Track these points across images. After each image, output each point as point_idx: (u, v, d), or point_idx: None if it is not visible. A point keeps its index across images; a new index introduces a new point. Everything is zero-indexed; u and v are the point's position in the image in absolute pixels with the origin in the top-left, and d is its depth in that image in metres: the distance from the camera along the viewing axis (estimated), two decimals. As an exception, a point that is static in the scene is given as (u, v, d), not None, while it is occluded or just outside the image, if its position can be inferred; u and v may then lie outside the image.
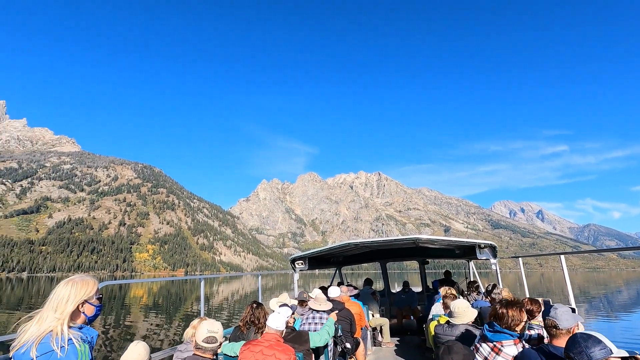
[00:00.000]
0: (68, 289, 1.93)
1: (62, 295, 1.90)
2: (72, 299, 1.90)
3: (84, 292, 1.96)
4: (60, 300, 1.88)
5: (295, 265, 8.61)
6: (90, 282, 2.02)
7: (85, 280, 2.01)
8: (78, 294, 1.93)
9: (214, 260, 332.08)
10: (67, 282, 1.97)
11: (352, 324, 5.79)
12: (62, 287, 1.94)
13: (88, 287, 1.99)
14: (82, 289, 1.96)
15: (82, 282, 1.98)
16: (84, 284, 1.98)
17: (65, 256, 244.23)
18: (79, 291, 1.94)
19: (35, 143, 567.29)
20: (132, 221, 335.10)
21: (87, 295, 1.97)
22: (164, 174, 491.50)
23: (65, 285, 1.95)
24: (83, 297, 1.95)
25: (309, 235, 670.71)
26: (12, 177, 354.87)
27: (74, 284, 1.95)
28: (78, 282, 1.97)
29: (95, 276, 2.38)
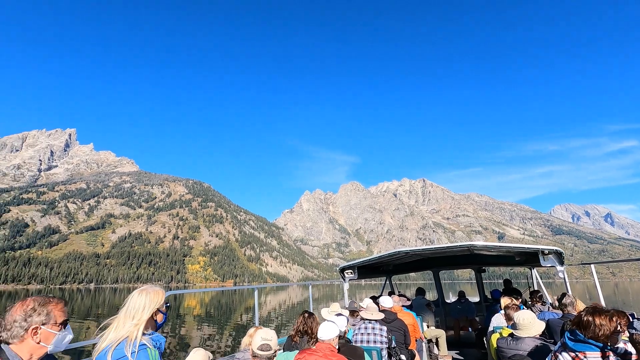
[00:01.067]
0: (143, 298, 2.14)
1: (139, 304, 2.11)
2: (148, 307, 2.12)
3: (156, 301, 2.18)
4: (137, 309, 2.09)
5: (344, 274, 8.46)
6: (160, 292, 2.25)
7: (157, 290, 2.23)
8: (152, 302, 2.15)
9: (260, 271, 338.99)
10: (141, 292, 2.17)
11: (406, 335, 5.57)
12: (138, 297, 2.14)
13: (159, 296, 2.21)
14: (155, 298, 2.18)
15: (155, 292, 2.20)
16: (156, 294, 2.20)
17: (126, 268, 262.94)
18: (152, 300, 2.15)
19: (101, 165, 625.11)
20: (185, 234, 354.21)
21: (159, 304, 2.19)
22: (213, 188, 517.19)
23: (140, 295, 2.16)
24: (156, 305, 2.17)
25: (353, 245, 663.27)
26: (81, 197, 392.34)
27: (147, 293, 2.17)
28: (151, 292, 2.19)
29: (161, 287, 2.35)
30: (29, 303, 1.84)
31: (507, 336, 4.06)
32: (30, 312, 1.80)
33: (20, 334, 1.77)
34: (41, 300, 1.87)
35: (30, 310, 1.81)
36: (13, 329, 1.77)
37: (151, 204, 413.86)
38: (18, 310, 1.80)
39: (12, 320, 1.78)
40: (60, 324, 1.88)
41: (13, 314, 1.80)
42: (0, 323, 1.80)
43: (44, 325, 1.82)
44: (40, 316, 1.81)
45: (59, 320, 1.88)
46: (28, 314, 1.80)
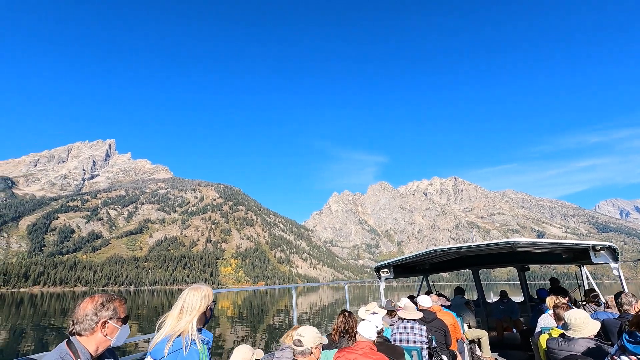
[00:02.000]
0: (198, 296, 2.33)
1: (194, 301, 2.29)
2: (201, 304, 2.30)
3: (208, 298, 2.37)
4: (193, 306, 2.27)
5: (380, 273, 8.39)
6: (210, 290, 2.45)
7: (208, 288, 2.44)
8: (205, 300, 2.34)
9: (291, 273, 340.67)
10: (195, 290, 2.37)
11: (446, 335, 5.46)
12: (192, 295, 2.33)
13: (210, 294, 2.41)
14: (207, 296, 2.37)
15: (207, 290, 2.41)
16: (207, 292, 2.40)
17: (163, 271, 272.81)
18: (205, 297, 2.35)
19: (138, 173, 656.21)
20: (217, 237, 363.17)
21: (210, 301, 2.39)
22: (243, 192, 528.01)
23: (194, 292, 2.35)
24: (208, 302, 2.36)
25: (383, 246, 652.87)
26: (121, 204, 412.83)
27: (201, 291, 2.37)
28: (204, 290, 2.39)
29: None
30: (97, 299, 2.01)
31: (557, 337, 3.83)
32: (100, 307, 1.97)
33: (91, 326, 1.93)
34: (107, 296, 2.05)
35: (100, 305, 1.97)
36: (85, 322, 1.93)
37: (185, 208, 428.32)
38: (89, 305, 1.97)
39: (84, 314, 1.94)
40: (122, 319, 2.06)
41: (84, 308, 1.96)
42: (73, 317, 1.97)
43: (111, 319, 1.99)
44: (108, 311, 1.98)
45: (122, 316, 2.06)
46: (98, 308, 1.96)
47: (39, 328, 33.70)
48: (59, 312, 53.17)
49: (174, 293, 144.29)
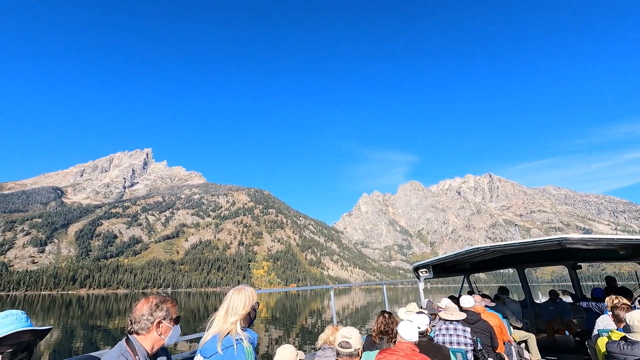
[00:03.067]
0: (242, 297, 2.43)
1: (239, 302, 2.39)
2: (247, 304, 2.41)
3: (253, 298, 2.48)
4: (238, 307, 2.38)
5: (419, 273, 8.22)
6: (253, 291, 2.54)
7: (251, 289, 2.53)
8: (249, 300, 2.44)
9: (322, 275, 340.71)
10: (239, 291, 2.47)
11: (492, 337, 5.21)
12: (238, 296, 2.44)
13: (253, 295, 2.50)
14: (251, 296, 2.47)
15: (250, 291, 2.50)
16: (251, 293, 2.49)
17: (198, 274, 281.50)
18: (249, 298, 2.45)
19: (173, 179, 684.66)
20: (249, 240, 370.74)
21: (254, 301, 2.50)
22: (273, 195, 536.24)
23: (239, 293, 2.45)
24: (252, 303, 2.46)
25: (416, 247, 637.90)
26: (158, 209, 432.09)
27: (245, 292, 2.46)
28: (248, 291, 2.49)
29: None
30: (152, 300, 2.16)
31: (619, 340, 3.55)
32: (154, 307, 2.12)
33: (147, 326, 2.09)
34: (161, 298, 2.20)
35: (154, 306, 2.13)
36: (142, 321, 2.09)
37: (218, 212, 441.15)
38: (144, 306, 2.13)
39: (140, 315, 2.10)
40: (174, 319, 2.20)
41: (140, 309, 2.12)
42: (130, 317, 2.13)
43: (164, 320, 2.14)
44: (161, 312, 2.13)
45: (174, 316, 2.20)
46: (153, 309, 2.12)
47: (87, 328, 35.57)
48: (103, 313, 55.90)
49: (209, 295, 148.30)
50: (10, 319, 1.83)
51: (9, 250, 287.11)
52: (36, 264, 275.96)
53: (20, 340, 1.80)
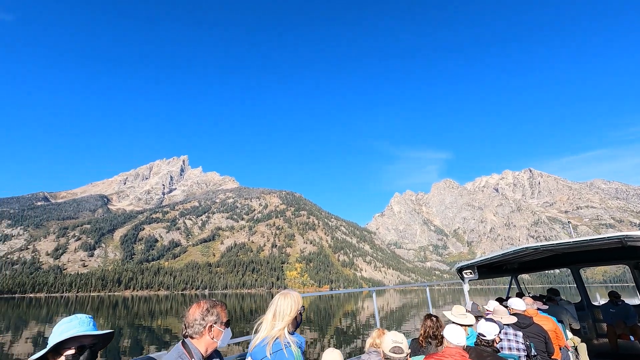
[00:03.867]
0: (288, 301, 2.51)
1: (286, 307, 2.48)
2: (293, 309, 2.49)
3: (299, 303, 2.55)
4: (284, 311, 2.46)
5: (463, 274, 7.88)
6: (299, 295, 2.61)
7: (296, 293, 2.60)
8: (296, 304, 2.52)
9: (355, 276, 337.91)
10: (285, 296, 2.56)
11: (547, 342, 4.91)
12: (284, 300, 2.52)
13: (299, 299, 2.57)
14: (297, 300, 2.54)
15: (296, 295, 2.58)
16: (297, 297, 2.56)
17: (233, 275, 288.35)
18: (296, 302, 2.53)
19: (208, 185, 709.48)
20: (282, 242, 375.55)
21: (299, 306, 2.56)
22: (304, 197, 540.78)
23: (285, 298, 2.53)
24: (299, 307, 2.54)
25: (452, 247, 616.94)
26: (195, 214, 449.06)
27: (291, 297, 2.54)
28: (293, 295, 2.57)
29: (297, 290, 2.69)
30: (202, 305, 2.27)
31: None
32: (205, 312, 2.22)
33: (200, 330, 2.19)
34: (211, 302, 2.30)
35: (205, 311, 2.23)
36: (195, 326, 2.19)
37: (251, 216, 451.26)
38: (196, 311, 2.23)
39: (193, 319, 2.21)
40: (224, 323, 2.29)
41: (193, 313, 2.23)
42: (184, 321, 2.25)
43: (215, 324, 2.23)
44: (212, 316, 2.23)
45: (224, 320, 2.29)
46: (204, 314, 2.22)
47: (133, 327, 37.31)
48: (146, 313, 58.40)
49: (244, 296, 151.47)
50: (74, 322, 1.90)
51: (63, 255, 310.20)
52: (86, 267, 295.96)
53: (82, 344, 1.86)
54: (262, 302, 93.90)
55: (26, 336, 31.47)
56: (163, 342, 26.24)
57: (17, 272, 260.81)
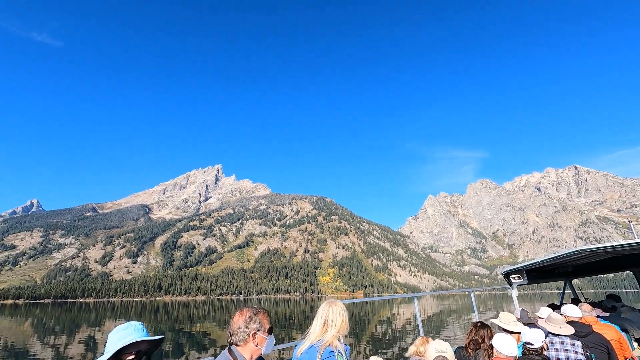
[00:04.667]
0: (338, 309, 2.58)
1: (337, 315, 2.55)
2: (344, 317, 2.58)
3: (346, 312, 2.62)
4: (336, 319, 2.53)
5: (511, 279, 7.34)
6: (343, 305, 2.66)
7: (340, 302, 2.64)
8: (344, 313, 2.59)
9: (389, 281, 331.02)
10: (334, 305, 2.61)
11: (609, 352, 4.50)
12: (334, 309, 2.59)
13: (344, 308, 2.62)
14: (345, 309, 2.60)
15: (342, 304, 2.62)
16: (343, 306, 2.62)
17: (267, 281, 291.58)
18: (343, 311, 2.59)
19: (242, 192, 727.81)
20: (314, 248, 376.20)
21: (346, 314, 2.64)
22: (335, 202, 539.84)
23: (335, 307, 2.59)
24: (346, 316, 2.62)
25: (492, 250, 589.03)
26: (230, 221, 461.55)
27: (339, 305, 2.62)
28: (340, 304, 2.63)
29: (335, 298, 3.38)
30: (245, 313, 2.36)
31: None
32: (248, 320, 2.31)
33: (244, 338, 2.28)
34: (253, 310, 2.39)
35: (248, 319, 2.31)
36: (239, 334, 2.29)
37: (283, 221, 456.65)
38: (240, 319, 2.32)
39: (237, 327, 2.30)
40: (267, 330, 2.37)
41: (237, 322, 2.32)
42: (229, 329, 2.35)
43: (259, 331, 2.31)
44: (255, 323, 2.31)
45: (267, 327, 2.37)
46: (247, 322, 2.30)
47: (174, 331, 38.84)
48: (185, 318, 60.35)
49: (278, 302, 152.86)
50: (130, 329, 2.03)
51: (109, 262, 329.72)
52: (130, 273, 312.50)
53: (139, 349, 2.00)
54: (296, 308, 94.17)
55: (79, 339, 33.53)
56: (202, 347, 26.87)
57: (69, 279, 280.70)
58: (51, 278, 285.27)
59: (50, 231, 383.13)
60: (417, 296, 6.31)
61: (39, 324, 53.33)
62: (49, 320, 60.72)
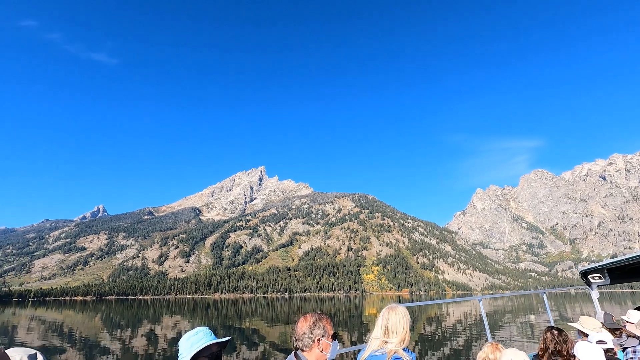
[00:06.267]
0: (399, 316, 2.49)
1: (398, 322, 2.48)
2: (405, 324, 2.49)
3: (409, 318, 2.51)
4: (397, 326, 2.46)
5: (589, 279, 6.73)
6: (406, 310, 2.56)
7: (403, 308, 2.53)
8: (406, 320, 2.50)
9: (436, 279, 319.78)
10: (395, 310, 2.53)
11: None
12: (394, 315, 2.51)
13: (408, 314, 2.52)
14: (407, 315, 2.51)
15: (404, 310, 2.51)
16: (406, 312, 2.51)
17: (311, 279, 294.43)
18: (406, 318, 2.51)
19: (285, 192, 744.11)
20: (357, 245, 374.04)
21: (409, 320, 2.53)
22: (377, 199, 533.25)
23: (395, 313, 2.51)
24: (409, 322, 2.52)
25: (550, 246, 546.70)
26: (274, 220, 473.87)
27: (400, 311, 2.52)
28: (402, 309, 2.52)
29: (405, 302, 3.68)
30: (309, 319, 2.39)
31: None
32: (313, 326, 2.35)
33: (309, 344, 2.33)
34: (317, 316, 2.41)
35: (312, 325, 2.35)
36: (304, 339, 2.34)
37: (326, 220, 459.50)
38: (304, 325, 2.37)
39: (302, 333, 2.36)
40: (331, 336, 2.40)
41: (301, 327, 2.38)
42: (294, 335, 2.42)
43: (323, 337, 2.35)
44: (319, 329, 2.35)
45: (330, 333, 2.40)
46: (311, 327, 2.34)
47: (225, 328, 40.79)
48: (234, 315, 62.83)
49: (322, 300, 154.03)
50: (201, 334, 2.16)
51: (165, 261, 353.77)
52: (184, 272, 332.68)
53: (211, 352, 2.14)
54: (341, 306, 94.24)
55: (142, 333, 36.29)
56: (252, 343, 27.75)
57: (130, 277, 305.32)
58: (115, 277, 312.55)
59: (114, 234, 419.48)
60: (482, 298, 5.83)
61: (106, 318, 58.51)
62: (114, 315, 66.39)
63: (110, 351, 24.41)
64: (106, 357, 22.33)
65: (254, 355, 21.82)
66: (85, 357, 22.16)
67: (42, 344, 27.30)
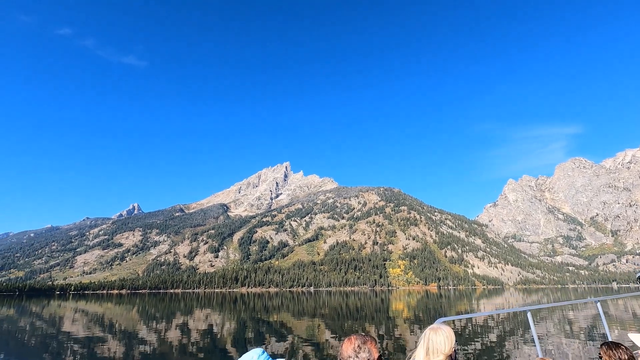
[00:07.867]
0: (441, 337, 2.39)
1: (439, 343, 2.38)
2: (447, 345, 2.38)
3: (451, 340, 2.38)
4: (439, 347, 2.36)
5: None
6: (451, 330, 2.39)
7: (447, 328, 2.39)
8: (448, 342, 2.38)
9: (466, 273, 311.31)
10: (436, 331, 2.42)
11: None
12: (435, 336, 2.41)
13: (451, 335, 2.37)
14: (450, 337, 2.38)
15: (448, 331, 2.39)
16: (449, 333, 2.39)
17: (336, 273, 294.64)
18: (448, 340, 2.38)
19: (310, 187, 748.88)
20: (383, 239, 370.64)
21: (453, 342, 2.41)
22: (403, 192, 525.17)
23: (436, 334, 2.40)
24: (451, 345, 2.37)
25: (590, 238, 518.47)
26: (299, 215, 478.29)
27: (442, 332, 2.41)
28: (445, 330, 2.40)
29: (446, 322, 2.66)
30: (354, 341, 2.36)
31: None
32: (357, 349, 2.31)
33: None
34: (362, 339, 2.38)
35: (357, 347, 2.31)
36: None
37: (351, 214, 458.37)
38: (349, 348, 2.33)
39: (347, 356, 2.30)
40: (377, 359, 2.32)
41: (346, 350, 2.34)
42: (339, 357, 2.39)
43: None
44: (365, 353, 2.29)
45: (376, 356, 2.32)
46: (357, 351, 2.30)
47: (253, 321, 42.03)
48: (261, 309, 64.27)
49: (348, 294, 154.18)
50: (262, 357, 2.34)
51: (195, 257, 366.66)
52: (213, 267, 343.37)
53: None
54: (366, 300, 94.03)
55: (175, 324, 37.93)
56: (280, 335, 28.33)
57: (163, 272, 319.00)
58: (149, 271, 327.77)
59: (148, 230, 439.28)
60: (530, 309, 5.31)
61: (142, 311, 61.51)
62: (149, 308, 69.69)
63: (147, 342, 25.67)
64: (144, 346, 23.52)
65: (283, 348, 22.24)
66: (125, 347, 23.43)
67: (85, 334, 29.11)
